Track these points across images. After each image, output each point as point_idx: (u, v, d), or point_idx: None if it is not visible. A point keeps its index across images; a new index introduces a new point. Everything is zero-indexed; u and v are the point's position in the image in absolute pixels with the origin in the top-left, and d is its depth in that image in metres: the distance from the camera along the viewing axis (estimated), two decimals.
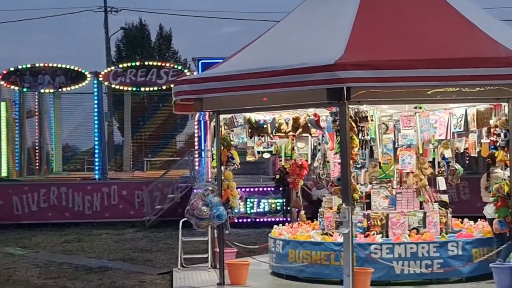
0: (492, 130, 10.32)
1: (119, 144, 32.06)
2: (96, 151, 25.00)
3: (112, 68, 25.81)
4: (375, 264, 10.18)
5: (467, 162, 23.01)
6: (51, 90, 25.40)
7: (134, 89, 25.56)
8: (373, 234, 10.76)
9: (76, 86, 25.17)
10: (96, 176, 24.61)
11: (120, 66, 25.78)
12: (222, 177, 10.82)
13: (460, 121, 11.14)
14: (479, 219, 12.08)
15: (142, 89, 25.65)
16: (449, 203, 12.02)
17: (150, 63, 26.19)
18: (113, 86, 25.40)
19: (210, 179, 11.16)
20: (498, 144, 10.10)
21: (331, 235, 10.94)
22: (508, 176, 9.89)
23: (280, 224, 12.78)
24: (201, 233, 12.85)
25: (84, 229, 21.15)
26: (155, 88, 25.37)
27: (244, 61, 10.68)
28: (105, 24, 40.11)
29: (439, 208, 11.40)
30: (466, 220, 12.37)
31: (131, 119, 28.81)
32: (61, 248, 17.16)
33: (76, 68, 24.96)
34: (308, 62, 9.52)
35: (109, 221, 22.21)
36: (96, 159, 24.96)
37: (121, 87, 25.38)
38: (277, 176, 18.04)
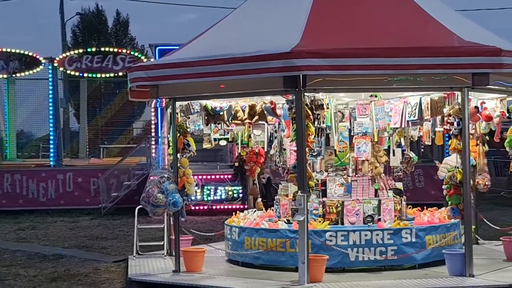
0: (445, 118, 10.44)
1: (75, 130, 31.73)
2: (51, 137, 24.71)
3: (68, 53, 25.47)
4: (330, 251, 10.26)
5: (422, 150, 23.29)
6: (5, 76, 24.98)
7: (90, 75, 25.29)
8: None
9: (31, 72, 24.81)
10: (51, 163, 24.34)
11: (76, 52, 25.46)
12: (178, 164, 10.79)
13: (415, 109, 11.25)
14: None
15: (98, 75, 25.41)
16: (404, 191, 12.16)
17: (107, 49, 25.93)
18: (68, 72, 25.10)
19: (166, 166, 11.11)
20: (451, 132, 10.23)
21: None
22: (461, 164, 10.04)
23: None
24: (157, 221, 12.81)
25: (39, 216, 20.92)
26: (112, 75, 25.14)
27: (201, 48, 10.64)
28: (60, 9, 39.51)
29: (394, 196, 11.52)
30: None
31: (87, 106, 28.53)
32: (15, 235, 16.95)
33: (30, 54, 24.58)
34: (265, 49, 9.53)
35: (64, 209, 22.06)
36: (51, 146, 24.67)
37: (77, 73, 25.08)
38: (236, 164, 18.04)
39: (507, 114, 11.61)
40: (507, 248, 11.30)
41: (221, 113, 11.86)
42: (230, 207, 20.39)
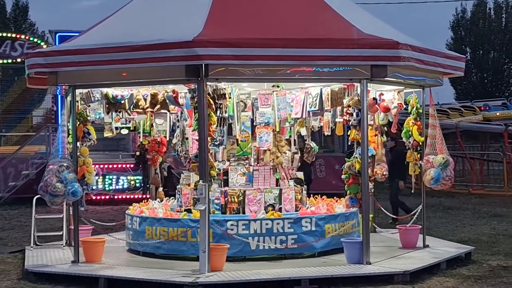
0: (345, 109, 10.65)
1: None
2: None
3: None
4: (231, 240, 10.30)
5: (324, 140, 23.67)
6: None
7: None
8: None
9: None
10: None
11: None
12: (78, 153, 10.59)
13: (315, 100, 11.43)
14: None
15: None
16: (304, 180, 12.33)
17: (4, 34, 25.15)
18: None
19: (67, 155, 10.90)
20: (351, 123, 10.44)
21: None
22: (359, 154, 10.25)
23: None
24: (57, 210, 12.54)
25: None
26: (10, 61, 24.42)
27: (102, 35, 10.46)
28: None
29: (295, 185, 11.67)
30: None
31: None
32: None
33: None
34: (167, 38, 9.47)
35: None
36: None
37: None
38: (137, 153, 17.82)
39: (404, 106, 11.95)
40: (402, 236, 11.64)
41: (123, 102, 11.71)
42: (132, 196, 20.22)
